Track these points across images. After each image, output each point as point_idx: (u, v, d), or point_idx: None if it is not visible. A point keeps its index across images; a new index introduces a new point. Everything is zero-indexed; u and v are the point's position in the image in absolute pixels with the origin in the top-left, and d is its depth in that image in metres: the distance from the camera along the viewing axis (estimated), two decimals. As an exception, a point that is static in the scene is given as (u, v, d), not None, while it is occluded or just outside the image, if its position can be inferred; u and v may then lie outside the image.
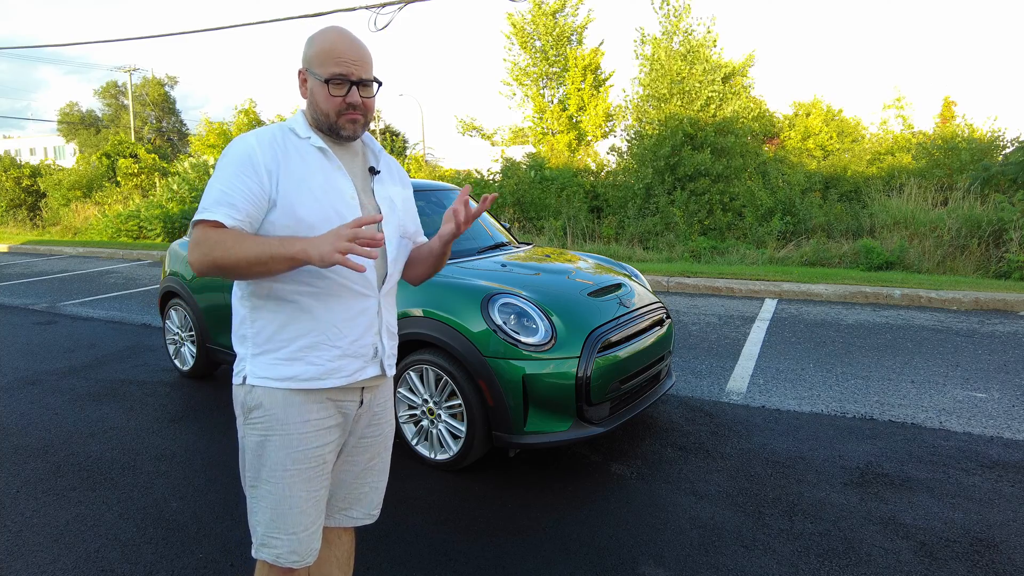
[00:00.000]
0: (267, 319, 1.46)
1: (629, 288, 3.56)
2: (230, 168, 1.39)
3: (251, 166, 1.39)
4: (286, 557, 1.49)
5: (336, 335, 1.47)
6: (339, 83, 1.43)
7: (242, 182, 1.38)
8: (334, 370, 1.47)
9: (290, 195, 1.40)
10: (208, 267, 1.33)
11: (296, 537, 1.49)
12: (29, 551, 2.50)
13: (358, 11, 10.30)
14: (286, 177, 1.41)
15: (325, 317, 1.45)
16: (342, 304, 1.47)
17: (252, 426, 1.49)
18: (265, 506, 1.49)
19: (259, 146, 1.41)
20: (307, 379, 1.45)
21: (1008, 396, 4.02)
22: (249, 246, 1.31)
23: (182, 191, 15.70)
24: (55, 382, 4.68)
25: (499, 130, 21.77)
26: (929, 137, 13.10)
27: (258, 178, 1.39)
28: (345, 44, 1.44)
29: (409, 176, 1.97)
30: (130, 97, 37.69)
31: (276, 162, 1.41)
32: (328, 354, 1.46)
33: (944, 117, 17.03)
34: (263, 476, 1.48)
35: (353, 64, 1.43)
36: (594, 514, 2.71)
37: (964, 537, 2.49)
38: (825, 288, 7.18)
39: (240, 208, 1.37)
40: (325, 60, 1.43)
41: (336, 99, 1.44)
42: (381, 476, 1.72)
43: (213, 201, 1.37)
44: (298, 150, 1.45)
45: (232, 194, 1.37)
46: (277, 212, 1.41)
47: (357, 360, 1.50)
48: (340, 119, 1.47)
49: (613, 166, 15.11)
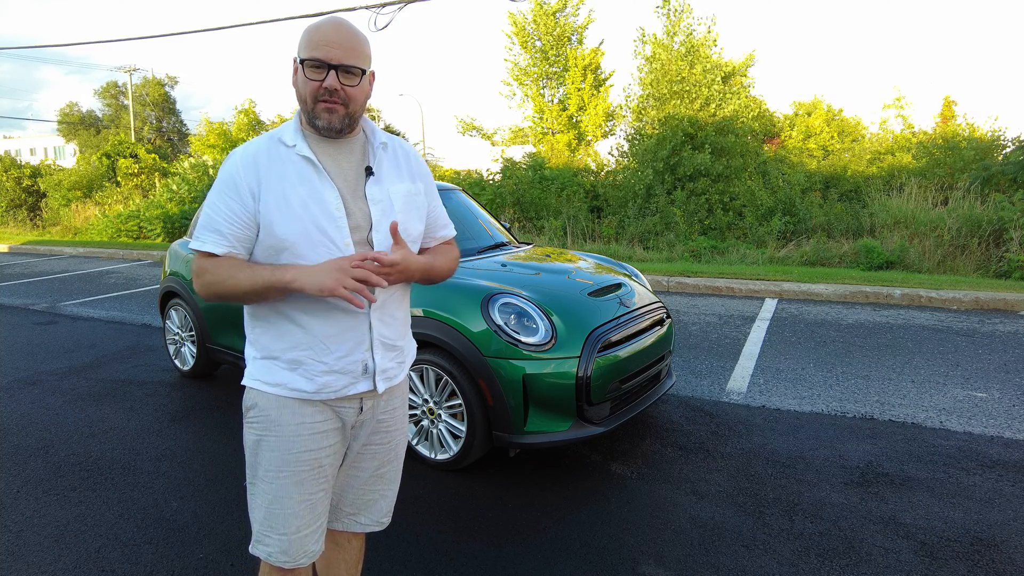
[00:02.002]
0: (263, 328, 1.49)
1: (629, 288, 3.56)
2: (216, 190, 1.42)
3: (234, 188, 1.39)
4: (276, 556, 1.50)
5: (322, 351, 1.45)
6: (316, 66, 1.36)
7: (225, 205, 1.39)
8: (323, 385, 1.46)
9: (271, 214, 1.39)
10: (212, 298, 1.43)
11: (287, 538, 1.49)
12: (30, 551, 2.51)
13: (358, 11, 10.30)
14: (267, 195, 1.39)
15: (313, 332, 1.44)
16: (331, 320, 1.44)
17: (250, 425, 1.52)
18: (260, 504, 1.50)
19: (243, 166, 1.40)
20: (295, 389, 1.46)
21: (1008, 396, 4.02)
22: (242, 279, 1.37)
23: (182, 191, 15.71)
24: (55, 382, 4.69)
25: (499, 130, 21.83)
26: (930, 136, 13.09)
27: (241, 200, 1.39)
28: (332, 28, 1.38)
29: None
30: (130, 97, 37.68)
31: (258, 182, 1.39)
32: (316, 368, 1.45)
33: (944, 117, 17.02)
34: (259, 475, 1.50)
35: (334, 47, 1.36)
36: (594, 514, 2.72)
37: (964, 537, 2.49)
38: (825, 288, 7.17)
39: (225, 234, 1.40)
40: (308, 43, 1.38)
41: (313, 83, 1.37)
42: (391, 485, 1.70)
43: (202, 227, 1.42)
44: (281, 163, 1.41)
45: (216, 219, 1.40)
46: (262, 232, 1.41)
47: (344, 376, 1.47)
48: (316, 106, 1.39)
49: (613, 166, 15.11)
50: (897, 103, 14.93)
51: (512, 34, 20.38)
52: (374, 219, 1.47)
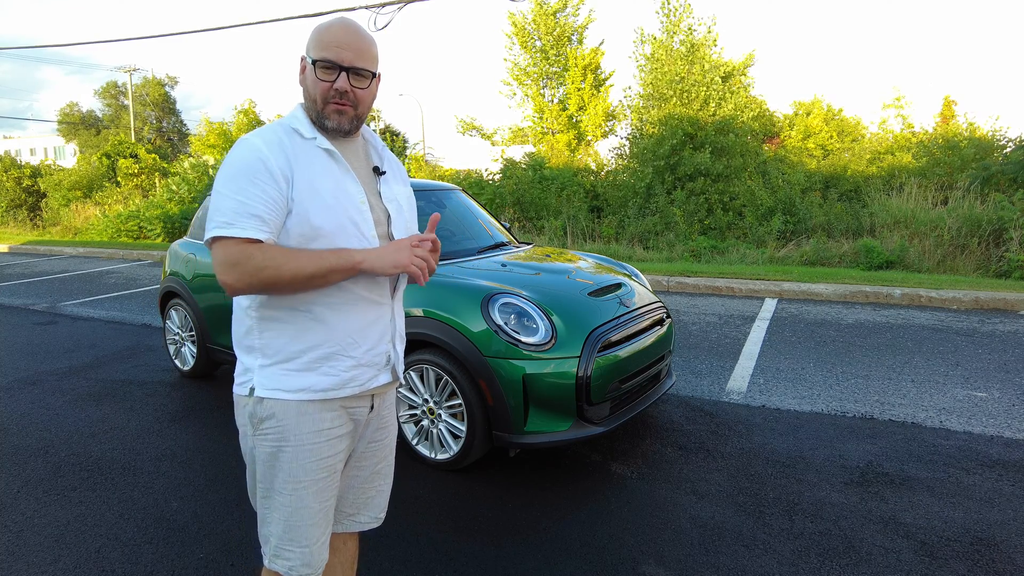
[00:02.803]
0: (278, 330, 1.41)
1: (629, 288, 3.56)
2: (243, 176, 1.32)
3: (266, 171, 1.32)
4: (299, 569, 1.48)
5: (351, 345, 1.44)
6: (328, 67, 1.37)
7: (260, 189, 1.31)
8: (349, 380, 1.45)
9: (304, 202, 1.35)
10: (255, 287, 1.31)
11: (308, 550, 1.48)
12: (30, 551, 2.51)
13: (358, 11, 10.30)
14: (300, 181, 1.35)
15: (340, 327, 1.42)
16: (358, 313, 1.44)
17: (263, 436, 1.44)
18: (278, 517, 1.46)
19: (268, 149, 1.34)
20: (321, 389, 1.42)
21: (1008, 395, 4.02)
22: (305, 263, 1.31)
23: (182, 191, 15.71)
24: (56, 382, 4.69)
25: (499, 130, 21.82)
26: (930, 136, 13.09)
27: (275, 183, 1.32)
28: (343, 30, 1.39)
29: (409, 176, 1.94)
30: (130, 97, 37.68)
31: (289, 166, 1.35)
32: (343, 364, 1.44)
33: (944, 117, 17.02)
34: (276, 487, 1.45)
35: (346, 49, 1.37)
36: (594, 514, 2.72)
37: (964, 536, 2.49)
38: (825, 288, 7.18)
39: (267, 219, 1.31)
40: (319, 44, 1.38)
41: (324, 84, 1.38)
42: (387, 480, 1.71)
43: (233, 214, 1.29)
44: (306, 153, 1.39)
45: (253, 204, 1.30)
46: (292, 219, 1.35)
47: (371, 368, 1.49)
48: (326, 107, 1.40)
49: (613, 166, 15.11)
50: (896, 103, 14.93)
51: (512, 34, 20.38)
52: (392, 215, 1.51)
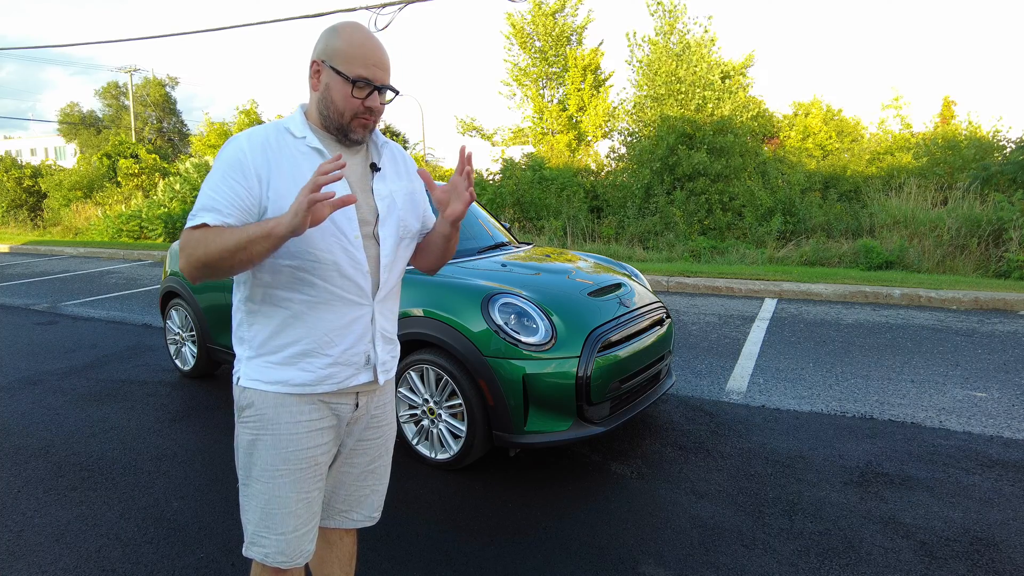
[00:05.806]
0: (262, 324, 1.46)
1: (629, 288, 3.56)
2: (218, 172, 1.37)
3: (240, 170, 1.36)
4: (273, 557, 1.50)
5: (327, 344, 1.45)
6: (364, 86, 1.41)
7: (229, 187, 1.35)
8: (326, 377, 1.47)
9: (280, 200, 1.36)
10: (193, 267, 1.32)
11: (284, 538, 1.49)
12: (30, 551, 2.51)
13: (358, 11, 10.30)
14: (277, 181, 1.37)
15: (317, 325, 1.44)
16: (334, 313, 1.45)
17: (244, 424, 1.49)
18: (255, 505, 1.49)
19: (249, 149, 1.37)
20: (298, 384, 1.45)
21: (1008, 395, 4.02)
22: (226, 236, 1.29)
23: (183, 191, 15.71)
24: (56, 382, 4.69)
25: (499, 130, 21.79)
26: (930, 136, 13.08)
27: (247, 182, 1.35)
28: (374, 47, 1.41)
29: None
30: (131, 98, 37.68)
31: (267, 166, 1.37)
32: (320, 361, 1.45)
33: (944, 117, 17.02)
34: (254, 475, 1.49)
35: (380, 69, 1.41)
36: (594, 514, 2.72)
37: (964, 536, 2.49)
38: (825, 288, 7.18)
39: (224, 212, 1.33)
40: (353, 60, 1.39)
41: (356, 101, 1.41)
42: (382, 479, 1.72)
43: (200, 207, 1.36)
44: (291, 152, 1.41)
45: (217, 200, 1.34)
46: (269, 218, 1.36)
47: (348, 368, 1.49)
48: (354, 121, 1.44)
49: (613, 166, 15.11)
50: (895, 103, 14.92)
51: (510, 35, 20.37)
52: (381, 214, 1.50)
